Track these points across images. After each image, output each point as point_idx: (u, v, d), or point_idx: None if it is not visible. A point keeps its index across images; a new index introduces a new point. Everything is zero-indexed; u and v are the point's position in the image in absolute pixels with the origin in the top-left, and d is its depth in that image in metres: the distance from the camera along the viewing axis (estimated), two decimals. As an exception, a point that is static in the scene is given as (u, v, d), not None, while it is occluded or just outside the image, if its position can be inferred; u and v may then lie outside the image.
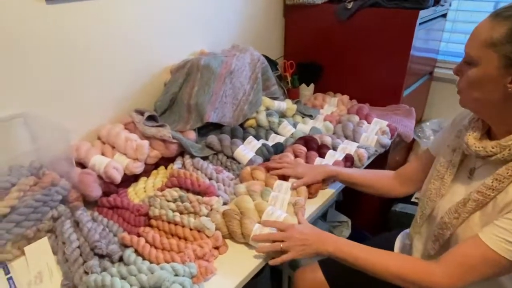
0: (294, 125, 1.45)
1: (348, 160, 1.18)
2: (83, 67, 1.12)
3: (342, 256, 0.81)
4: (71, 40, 1.07)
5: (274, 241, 0.85)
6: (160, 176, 1.16)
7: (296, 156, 1.21)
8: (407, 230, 1.03)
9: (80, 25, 1.08)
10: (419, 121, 2.07)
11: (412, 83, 1.69)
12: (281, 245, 0.83)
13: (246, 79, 1.42)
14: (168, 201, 0.98)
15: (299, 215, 0.93)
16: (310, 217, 1.01)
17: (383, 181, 1.05)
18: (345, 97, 1.65)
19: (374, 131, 1.39)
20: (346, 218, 1.84)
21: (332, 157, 1.19)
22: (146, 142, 1.12)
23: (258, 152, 1.24)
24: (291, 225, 0.86)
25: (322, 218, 1.84)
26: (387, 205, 1.87)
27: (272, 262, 0.83)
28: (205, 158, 1.24)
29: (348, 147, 1.26)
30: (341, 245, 0.82)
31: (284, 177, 1.08)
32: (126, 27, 1.20)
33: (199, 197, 0.98)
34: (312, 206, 1.04)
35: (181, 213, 0.94)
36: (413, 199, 1.83)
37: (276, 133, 1.41)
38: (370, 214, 1.88)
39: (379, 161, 1.64)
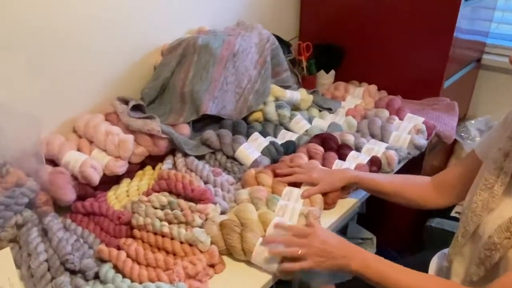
0: (310, 120, 1.45)
1: (374, 164, 1.17)
2: (56, 48, 1.12)
3: (369, 275, 0.81)
4: (41, 17, 1.07)
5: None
6: (146, 178, 1.16)
7: (310, 157, 1.21)
8: (445, 251, 1.01)
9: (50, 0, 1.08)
10: (462, 119, 2.04)
11: (455, 72, 1.67)
12: (300, 251, 0.83)
13: (252, 63, 1.41)
14: (155, 208, 0.98)
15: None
16: (336, 227, 1.02)
17: (416, 189, 1.03)
18: (373, 87, 1.64)
19: (407, 129, 1.38)
20: (370, 235, 1.83)
21: (354, 160, 1.19)
22: (130, 137, 1.12)
23: (265, 151, 1.23)
24: (312, 231, 0.86)
25: (341, 234, 1.83)
26: (421, 219, 1.85)
27: (284, 267, 0.84)
28: (200, 157, 1.24)
29: (374, 148, 1.25)
30: (371, 261, 0.82)
31: (295, 183, 1.07)
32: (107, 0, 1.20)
33: (192, 204, 0.98)
34: (329, 219, 1.03)
35: (170, 222, 0.94)
36: (453, 213, 1.81)
37: (287, 129, 1.40)
38: (399, 230, 1.86)
39: (412, 166, 1.61)
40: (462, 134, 1.90)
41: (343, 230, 1.84)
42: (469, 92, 1.99)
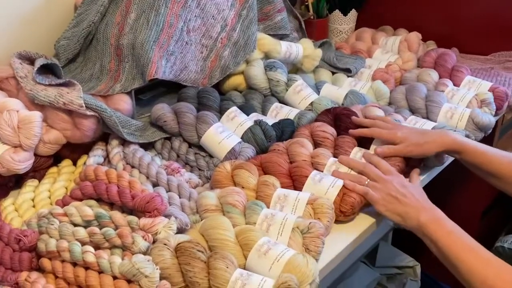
0: (317, 88, 1.45)
1: None
2: None
3: (434, 231, 0.99)
4: None
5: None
6: (62, 178, 1.16)
7: (316, 144, 1.21)
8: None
9: None
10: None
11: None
12: (370, 183, 1.07)
13: (228, 0, 1.40)
14: (75, 224, 0.97)
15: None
16: (337, 260, 1.02)
17: None
18: (414, 36, 1.65)
19: (467, 100, 1.39)
20: (412, 261, 1.85)
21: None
22: (36, 115, 1.11)
23: (248, 136, 1.24)
24: (395, 172, 1.11)
25: (367, 261, 1.84)
26: (488, 236, 1.87)
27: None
28: (149, 146, 1.23)
29: (417, 126, 1.26)
30: (444, 219, 1.03)
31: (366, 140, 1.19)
32: None
33: (133, 218, 0.96)
34: (344, 238, 1.04)
35: (97, 247, 0.93)
36: (535, 228, 1.84)
37: (283, 102, 1.41)
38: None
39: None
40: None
41: (371, 256, 1.85)
42: None
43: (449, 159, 1.28)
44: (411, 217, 1.02)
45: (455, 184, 1.77)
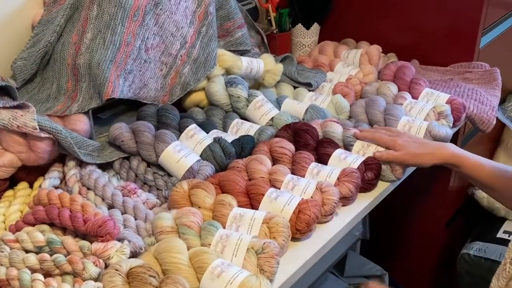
0: (278, 103, 1.45)
1: (370, 169, 1.18)
2: None
3: (467, 158, 1.18)
4: None
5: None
6: (18, 201, 1.14)
7: (275, 160, 1.21)
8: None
9: None
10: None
11: (496, 23, 1.69)
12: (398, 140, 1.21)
13: (187, 16, 1.41)
14: (27, 251, 0.95)
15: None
16: (301, 274, 1.01)
17: None
18: (374, 49, 1.65)
19: (424, 112, 1.39)
20: (380, 270, 1.85)
21: (340, 163, 1.20)
22: (-11, 139, 1.10)
23: (207, 154, 1.23)
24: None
25: (335, 271, 1.84)
26: (454, 244, 1.89)
27: (379, 154, 1.20)
28: (107, 165, 1.23)
29: (372, 144, 1.26)
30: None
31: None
32: None
33: (85, 242, 0.95)
34: (307, 250, 1.03)
35: (48, 274, 0.92)
36: (500, 234, 1.85)
37: (244, 117, 1.41)
38: (422, 261, 1.89)
39: (434, 168, 1.64)
40: (512, 114, 1.93)
41: (339, 266, 1.85)
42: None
43: (409, 171, 1.29)
44: (440, 149, 1.19)
45: (419, 195, 1.79)
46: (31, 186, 1.19)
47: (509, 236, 1.82)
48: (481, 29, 1.56)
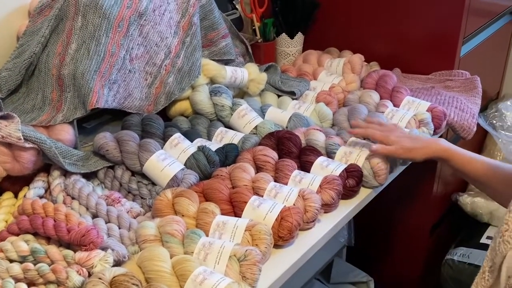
0: (262, 111, 1.46)
1: (352, 176, 1.19)
2: None
3: (455, 150, 1.20)
4: None
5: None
6: (2, 211, 1.14)
7: (258, 168, 1.22)
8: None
9: None
10: (494, 99, 2.09)
11: (477, 32, 1.71)
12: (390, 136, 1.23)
13: (171, 27, 1.41)
14: (11, 260, 0.95)
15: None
16: (283, 281, 1.02)
17: None
18: (357, 58, 1.67)
19: (406, 120, 1.41)
20: (365, 277, 1.86)
21: (322, 170, 1.21)
22: (-27, 149, 1.10)
23: (191, 163, 1.24)
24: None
25: (322, 278, 1.85)
26: (438, 249, 1.90)
27: (375, 147, 1.22)
28: (92, 175, 1.23)
29: (354, 151, 1.27)
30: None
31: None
32: None
33: (68, 252, 0.96)
34: (290, 257, 1.04)
35: (32, 283, 0.92)
36: (484, 239, 1.87)
37: (228, 126, 1.41)
38: (406, 268, 1.90)
39: (419, 174, 1.66)
40: (494, 122, 1.95)
41: (325, 272, 1.86)
42: (501, 59, 2.05)
43: (391, 177, 1.30)
44: (432, 144, 1.23)
45: (403, 201, 1.80)
46: (16, 196, 1.18)
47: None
48: (461, 37, 1.58)
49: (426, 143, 1.25)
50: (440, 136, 1.47)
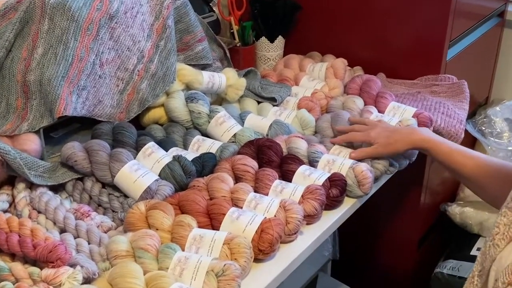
0: (241, 119, 1.44)
1: (336, 185, 1.18)
2: None
3: (436, 141, 1.22)
4: None
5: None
6: (-38, 227, 1.10)
7: (237, 178, 1.20)
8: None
9: None
10: (483, 105, 2.10)
11: (463, 35, 1.71)
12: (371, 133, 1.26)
13: (144, 30, 1.40)
14: (-30, 279, 0.93)
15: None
16: None
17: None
18: (340, 62, 1.66)
19: (391, 126, 1.39)
20: (351, 292, 1.85)
21: (304, 180, 1.20)
22: None
23: (166, 173, 1.22)
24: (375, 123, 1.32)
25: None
26: (427, 262, 1.89)
27: (354, 155, 1.24)
28: (59, 187, 1.21)
29: (337, 160, 1.26)
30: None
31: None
32: None
33: (34, 269, 0.94)
34: (271, 271, 1.02)
35: (-7, 303, 0.90)
36: (474, 251, 1.86)
37: (205, 134, 1.40)
38: (394, 282, 1.88)
39: (406, 181, 1.64)
40: (483, 128, 1.95)
41: (310, 287, 1.84)
42: (489, 63, 2.05)
43: (376, 186, 1.29)
44: (411, 134, 1.24)
45: (390, 213, 1.79)
46: (-23, 211, 1.16)
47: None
48: (447, 41, 1.58)
49: (405, 134, 1.27)
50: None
